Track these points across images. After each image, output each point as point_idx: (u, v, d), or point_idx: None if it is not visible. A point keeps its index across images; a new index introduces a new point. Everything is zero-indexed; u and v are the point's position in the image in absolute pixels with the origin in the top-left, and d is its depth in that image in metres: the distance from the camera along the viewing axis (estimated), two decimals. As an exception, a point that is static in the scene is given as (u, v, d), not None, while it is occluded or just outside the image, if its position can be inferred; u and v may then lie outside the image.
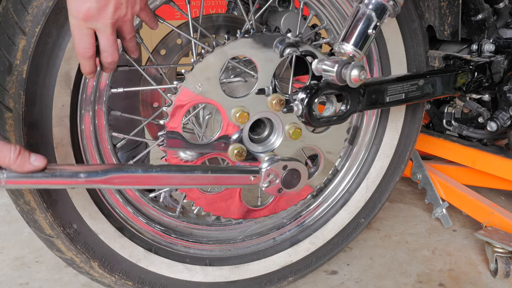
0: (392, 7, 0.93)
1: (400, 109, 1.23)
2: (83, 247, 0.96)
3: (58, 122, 0.87)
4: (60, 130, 0.88)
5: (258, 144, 1.05)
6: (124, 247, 1.01)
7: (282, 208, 1.14)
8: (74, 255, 0.96)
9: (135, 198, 1.05)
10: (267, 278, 1.17)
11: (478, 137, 1.53)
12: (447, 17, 1.31)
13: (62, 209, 0.92)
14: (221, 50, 0.94)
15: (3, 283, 1.27)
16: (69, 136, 0.90)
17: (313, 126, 0.99)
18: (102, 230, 0.98)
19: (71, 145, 0.91)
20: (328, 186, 1.26)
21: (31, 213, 0.90)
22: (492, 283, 1.27)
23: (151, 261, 1.05)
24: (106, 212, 0.99)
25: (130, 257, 1.02)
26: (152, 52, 1.26)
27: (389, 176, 1.27)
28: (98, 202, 0.97)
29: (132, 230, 1.03)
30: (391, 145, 1.25)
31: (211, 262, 1.12)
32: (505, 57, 1.30)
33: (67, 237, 0.93)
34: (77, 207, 0.93)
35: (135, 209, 1.05)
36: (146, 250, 1.04)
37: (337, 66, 0.89)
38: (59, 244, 0.94)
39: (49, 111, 0.86)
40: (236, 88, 1.08)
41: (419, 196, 1.77)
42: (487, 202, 1.45)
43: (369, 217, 1.28)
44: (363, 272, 1.32)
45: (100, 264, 0.98)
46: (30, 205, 0.88)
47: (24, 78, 0.81)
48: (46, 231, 0.92)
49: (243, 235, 1.18)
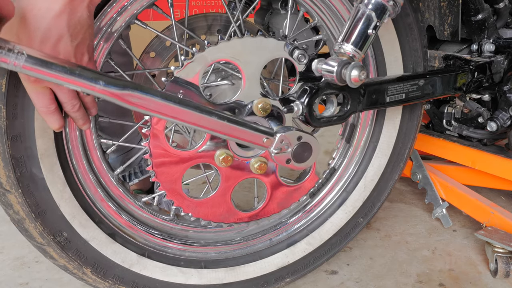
0: (392, 7, 0.93)
1: (397, 107, 1.21)
2: (75, 254, 0.96)
3: (41, 134, 0.87)
4: (44, 141, 0.88)
5: (246, 150, 1.04)
6: (116, 253, 1.01)
7: (274, 212, 1.13)
8: (66, 262, 0.96)
9: (126, 203, 1.05)
10: (263, 279, 1.17)
11: (478, 137, 1.53)
12: (447, 17, 1.31)
13: (51, 218, 0.92)
14: (200, 56, 0.92)
15: (3, 283, 1.27)
16: (53, 147, 0.90)
17: (314, 126, 0.99)
18: (93, 237, 0.98)
19: (56, 156, 0.91)
20: (326, 185, 1.25)
21: (21, 223, 0.90)
22: (492, 283, 1.27)
23: (145, 266, 1.04)
24: (97, 219, 0.99)
25: (123, 262, 1.02)
26: (141, 55, 1.26)
27: (387, 175, 1.26)
28: (88, 210, 0.98)
29: (124, 236, 1.03)
30: (388, 143, 1.24)
31: (206, 264, 1.11)
32: (505, 57, 1.30)
33: (57, 245, 0.93)
34: (66, 216, 0.93)
35: (127, 214, 1.05)
36: (139, 255, 1.04)
37: (337, 66, 0.89)
38: (51, 252, 0.94)
39: (31, 124, 0.85)
40: (223, 91, 1.07)
41: (419, 196, 1.77)
42: (487, 202, 1.45)
43: (368, 216, 1.27)
44: (363, 272, 1.32)
45: (93, 271, 0.98)
46: (20, 215, 0.89)
47: (3, 92, 0.80)
48: (37, 240, 0.92)
49: (239, 236, 1.18)
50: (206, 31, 1.30)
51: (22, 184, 0.87)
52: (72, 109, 0.82)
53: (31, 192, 0.88)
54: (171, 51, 1.26)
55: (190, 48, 0.94)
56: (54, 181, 0.91)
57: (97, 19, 0.89)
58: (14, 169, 0.85)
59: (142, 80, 1.24)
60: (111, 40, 0.94)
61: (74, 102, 0.81)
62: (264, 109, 0.98)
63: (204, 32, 1.30)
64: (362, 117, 1.23)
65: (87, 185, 0.98)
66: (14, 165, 0.85)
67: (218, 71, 1.11)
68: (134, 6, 0.93)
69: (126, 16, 0.93)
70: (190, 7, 3.20)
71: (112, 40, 0.94)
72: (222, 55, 0.94)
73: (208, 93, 1.08)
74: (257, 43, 0.96)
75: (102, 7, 0.89)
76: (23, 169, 0.86)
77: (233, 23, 1.00)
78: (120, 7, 0.92)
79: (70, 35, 0.73)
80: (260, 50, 0.97)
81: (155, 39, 1.25)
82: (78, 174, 0.97)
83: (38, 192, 0.89)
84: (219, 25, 1.30)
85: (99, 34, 0.92)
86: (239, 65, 0.96)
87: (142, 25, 0.96)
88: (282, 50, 0.97)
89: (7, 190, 0.87)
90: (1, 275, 1.30)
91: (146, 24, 0.96)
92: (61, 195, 0.92)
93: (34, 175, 0.88)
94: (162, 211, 1.11)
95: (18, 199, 0.87)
